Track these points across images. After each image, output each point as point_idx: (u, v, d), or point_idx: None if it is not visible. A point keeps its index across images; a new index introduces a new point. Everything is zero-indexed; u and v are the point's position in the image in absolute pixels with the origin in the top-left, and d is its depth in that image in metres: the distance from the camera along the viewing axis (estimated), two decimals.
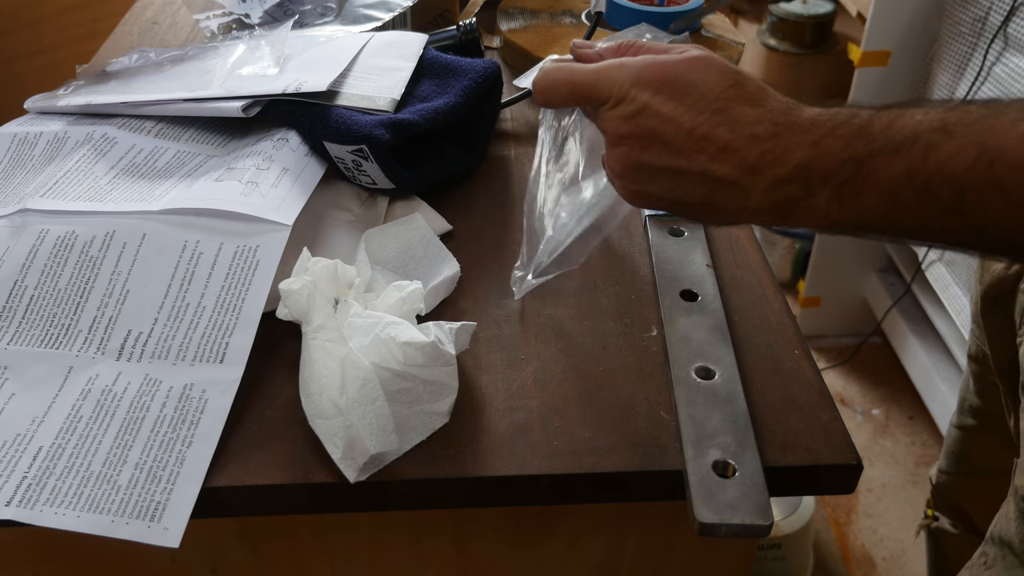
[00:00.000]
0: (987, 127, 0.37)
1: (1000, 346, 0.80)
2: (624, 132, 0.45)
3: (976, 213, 0.37)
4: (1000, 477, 0.90)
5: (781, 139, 0.42)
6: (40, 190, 0.59)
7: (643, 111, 0.44)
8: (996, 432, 0.88)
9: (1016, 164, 0.36)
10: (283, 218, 0.54)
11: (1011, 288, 0.76)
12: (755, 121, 0.42)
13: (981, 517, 0.95)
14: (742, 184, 0.43)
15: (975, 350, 0.88)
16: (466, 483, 0.46)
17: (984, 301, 0.80)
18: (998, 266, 0.78)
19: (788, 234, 1.86)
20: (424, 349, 0.46)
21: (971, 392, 0.91)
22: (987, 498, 0.93)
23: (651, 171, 0.45)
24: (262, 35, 0.76)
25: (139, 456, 0.47)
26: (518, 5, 0.94)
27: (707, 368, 0.51)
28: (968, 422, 0.92)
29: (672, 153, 0.44)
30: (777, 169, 0.41)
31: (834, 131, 0.41)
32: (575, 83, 0.47)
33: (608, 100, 0.46)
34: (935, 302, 1.54)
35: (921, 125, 0.39)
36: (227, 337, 0.50)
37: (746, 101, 0.43)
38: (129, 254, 0.54)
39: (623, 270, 0.60)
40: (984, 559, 0.69)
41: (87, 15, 1.53)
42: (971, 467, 0.95)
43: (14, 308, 0.53)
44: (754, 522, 0.42)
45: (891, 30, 1.45)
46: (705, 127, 0.43)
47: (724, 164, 0.43)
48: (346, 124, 0.60)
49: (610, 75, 0.46)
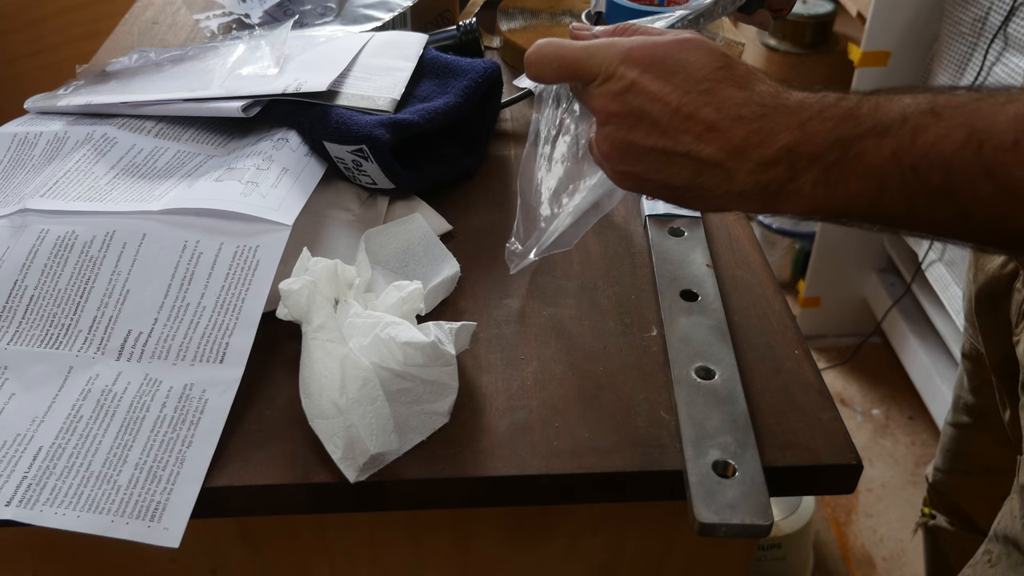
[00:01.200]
0: (976, 109, 0.37)
1: (994, 343, 0.80)
2: (612, 110, 0.45)
3: (964, 198, 0.37)
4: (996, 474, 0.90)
5: (767, 120, 0.41)
6: (40, 190, 0.59)
7: (631, 88, 0.44)
8: (991, 429, 0.88)
9: (1004, 146, 0.35)
10: (283, 218, 0.54)
11: (1005, 287, 0.76)
12: (742, 103, 0.42)
13: (978, 514, 0.95)
14: (727, 166, 0.42)
15: (968, 348, 0.88)
16: (466, 483, 0.46)
17: (978, 299, 0.80)
18: (992, 265, 0.78)
19: (788, 234, 1.86)
20: (424, 349, 0.46)
21: (965, 390, 0.91)
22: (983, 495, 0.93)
23: (638, 151, 0.45)
24: (262, 35, 0.76)
25: (139, 456, 0.47)
26: (518, 5, 0.94)
27: (707, 368, 0.51)
28: (963, 419, 0.92)
29: (658, 133, 0.44)
30: (763, 151, 0.41)
31: (821, 113, 0.40)
32: (565, 58, 0.47)
33: (597, 77, 0.45)
34: (935, 302, 1.54)
35: (909, 108, 0.38)
36: (227, 337, 0.50)
37: (734, 83, 0.43)
38: (129, 254, 0.54)
39: (623, 270, 0.60)
40: (988, 556, 0.68)
41: (87, 15, 1.53)
42: (967, 464, 0.95)
43: (14, 308, 0.53)
44: (754, 522, 0.42)
45: (891, 30, 1.45)
46: (691, 106, 0.43)
47: (709, 145, 0.42)
48: (346, 124, 0.60)
49: (599, 52, 0.46)
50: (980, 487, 0.94)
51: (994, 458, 0.90)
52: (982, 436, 0.90)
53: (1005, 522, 0.69)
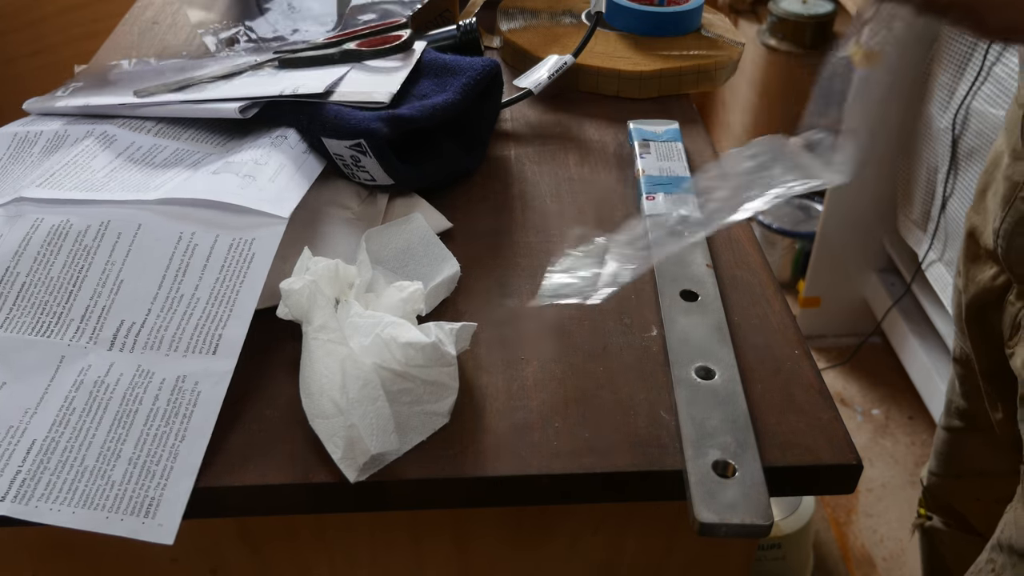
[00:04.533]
0: None
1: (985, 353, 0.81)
2: None
3: None
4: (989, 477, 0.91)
5: None
6: (37, 180, 0.59)
7: None
8: (983, 433, 0.88)
9: None
10: (280, 211, 0.54)
11: (997, 298, 0.77)
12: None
13: (973, 516, 0.95)
14: None
15: (959, 353, 0.88)
16: (466, 483, 0.46)
17: (969, 310, 0.81)
18: (983, 276, 0.78)
19: (788, 234, 1.86)
20: (425, 349, 0.46)
21: (957, 394, 0.91)
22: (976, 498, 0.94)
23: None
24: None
25: (132, 451, 0.46)
26: (518, 5, 0.94)
27: (707, 368, 0.51)
28: (955, 423, 0.93)
29: None
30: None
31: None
32: None
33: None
34: (935, 302, 1.54)
35: None
36: (220, 329, 0.50)
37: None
38: (124, 244, 0.54)
39: None
40: (992, 566, 0.69)
41: (87, 15, 1.53)
42: (959, 468, 0.95)
43: (5, 294, 0.52)
44: (754, 522, 0.42)
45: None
46: None
47: None
48: (344, 119, 0.60)
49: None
50: (973, 490, 0.94)
51: (987, 461, 0.90)
52: (974, 440, 0.91)
53: (1009, 532, 0.69)
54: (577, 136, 0.76)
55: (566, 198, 0.68)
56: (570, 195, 0.68)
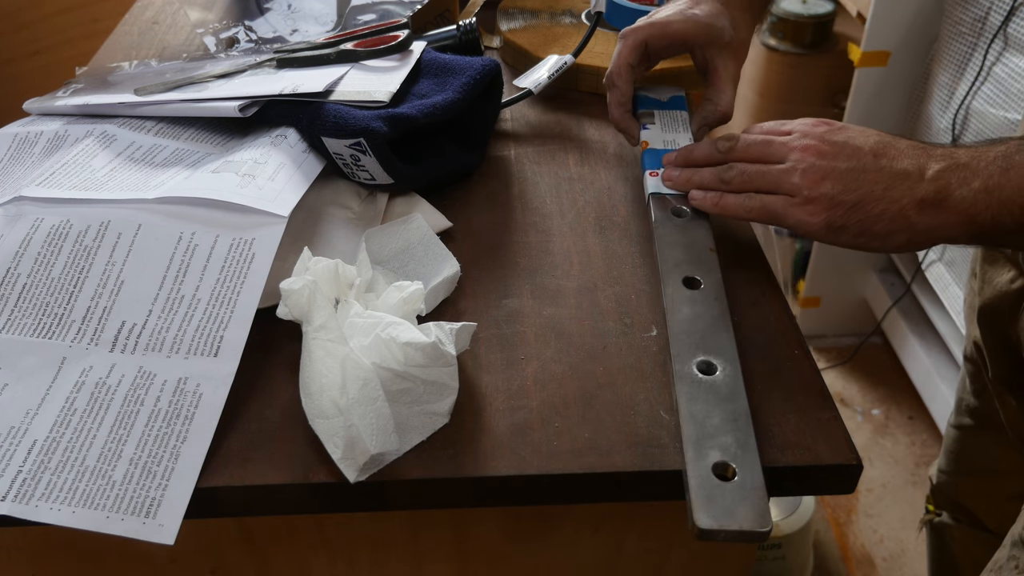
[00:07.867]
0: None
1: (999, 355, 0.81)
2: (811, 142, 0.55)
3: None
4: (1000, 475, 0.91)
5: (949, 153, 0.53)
6: (37, 179, 0.59)
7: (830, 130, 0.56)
8: (994, 431, 0.88)
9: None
10: (279, 210, 0.54)
11: (1012, 303, 0.76)
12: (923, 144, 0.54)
13: (983, 513, 0.95)
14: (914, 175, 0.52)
15: (970, 351, 0.88)
16: (466, 483, 0.46)
17: (983, 311, 0.80)
18: (1001, 279, 0.78)
19: (788, 234, 1.86)
20: (425, 349, 0.46)
21: (968, 392, 0.91)
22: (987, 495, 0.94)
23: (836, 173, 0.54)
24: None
25: (134, 451, 0.46)
26: (518, 5, 0.94)
27: (709, 362, 0.50)
28: (965, 422, 0.92)
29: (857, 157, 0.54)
30: (943, 163, 0.52)
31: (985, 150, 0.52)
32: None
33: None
34: (935, 302, 1.54)
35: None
36: (221, 330, 0.50)
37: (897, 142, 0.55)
38: (124, 245, 0.54)
39: (623, 270, 0.60)
40: (1015, 563, 0.68)
41: (87, 15, 1.52)
42: (970, 466, 0.95)
43: (6, 296, 0.52)
44: (752, 528, 0.42)
45: (891, 30, 1.45)
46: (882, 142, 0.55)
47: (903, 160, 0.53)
48: (343, 118, 0.60)
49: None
50: (984, 487, 0.94)
51: (997, 459, 0.90)
52: (985, 438, 0.91)
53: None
54: (577, 136, 0.76)
55: (566, 198, 0.68)
56: (570, 195, 0.68)
